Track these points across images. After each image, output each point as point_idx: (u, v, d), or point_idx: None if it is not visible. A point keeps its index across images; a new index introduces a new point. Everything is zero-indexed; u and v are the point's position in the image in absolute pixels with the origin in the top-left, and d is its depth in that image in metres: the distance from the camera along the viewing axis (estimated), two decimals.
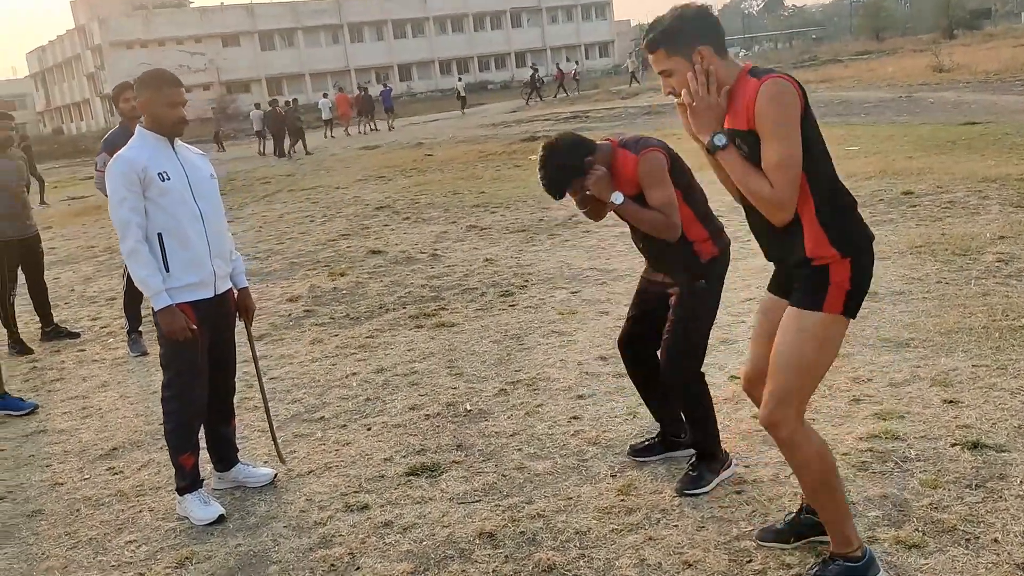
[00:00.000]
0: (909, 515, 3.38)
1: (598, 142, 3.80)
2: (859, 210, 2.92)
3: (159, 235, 3.87)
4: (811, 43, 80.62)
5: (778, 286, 3.06)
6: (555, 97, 45.68)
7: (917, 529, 3.28)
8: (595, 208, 3.94)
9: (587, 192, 3.79)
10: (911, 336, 5.30)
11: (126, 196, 3.80)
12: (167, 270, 3.89)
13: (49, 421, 5.66)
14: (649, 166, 3.62)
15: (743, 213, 3.04)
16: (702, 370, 3.86)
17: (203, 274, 3.98)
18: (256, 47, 71.79)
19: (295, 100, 33.92)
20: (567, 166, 3.73)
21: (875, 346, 5.20)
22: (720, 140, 2.80)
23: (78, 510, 4.32)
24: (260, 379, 4.53)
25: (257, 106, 33.12)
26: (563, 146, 3.75)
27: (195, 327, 3.92)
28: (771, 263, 3.09)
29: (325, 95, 40.84)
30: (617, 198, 3.66)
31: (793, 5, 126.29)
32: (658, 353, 3.89)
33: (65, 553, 3.90)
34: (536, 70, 48.30)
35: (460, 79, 47.46)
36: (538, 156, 3.83)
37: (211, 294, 4.03)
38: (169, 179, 3.87)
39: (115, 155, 3.92)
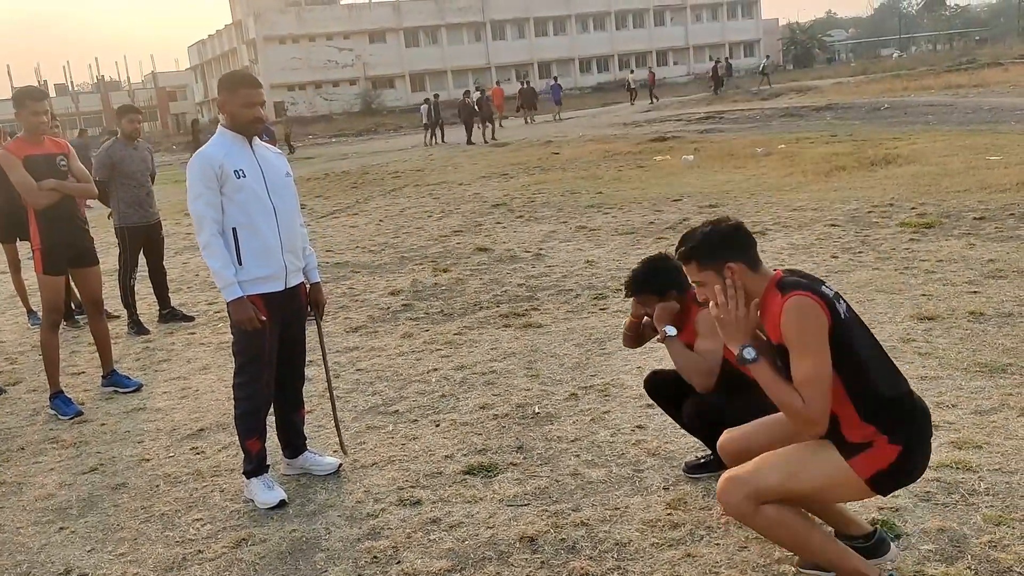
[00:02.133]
0: (964, 551, 3.21)
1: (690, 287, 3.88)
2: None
3: (233, 229, 4.05)
4: (973, 44, 76.63)
5: None
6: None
7: (969, 567, 3.11)
8: (634, 336, 4.12)
9: (647, 314, 3.95)
10: (1010, 362, 5.00)
11: (202, 191, 3.99)
12: (240, 263, 4.06)
13: (150, 399, 6.00)
14: (706, 318, 3.63)
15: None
16: None
17: (274, 268, 4.14)
18: (401, 43, 73.63)
19: (483, 91, 35.70)
20: (658, 281, 3.86)
21: (968, 370, 4.93)
22: (749, 354, 2.86)
23: (157, 486, 4.57)
24: (328, 372, 4.67)
25: (426, 101, 34.69)
26: (670, 267, 3.86)
27: (264, 318, 4.08)
28: None
29: (476, 89, 41.97)
30: (670, 331, 3.79)
31: (956, 4, 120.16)
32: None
33: (138, 526, 4.13)
34: (718, 62, 49.18)
35: (632, 71, 49.20)
36: (649, 256, 4.03)
37: (282, 287, 4.19)
38: (245, 176, 4.04)
39: (196, 152, 4.12)
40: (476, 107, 31.73)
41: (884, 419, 2.79)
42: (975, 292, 6.43)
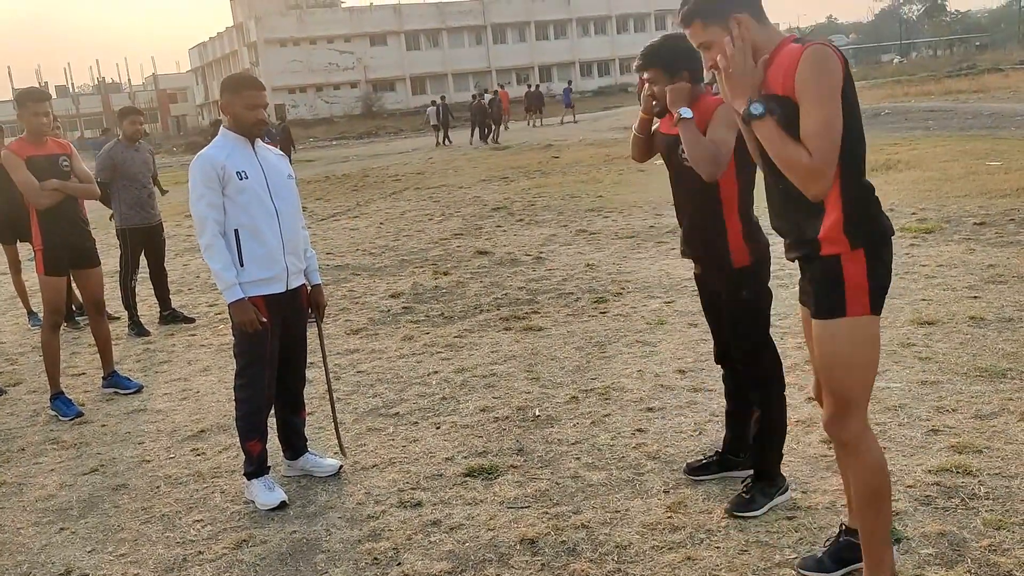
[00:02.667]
0: (964, 555, 3.21)
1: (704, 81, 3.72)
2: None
3: (235, 231, 4.06)
4: (973, 50, 76.73)
5: (805, 294, 2.97)
6: None
7: (969, 571, 3.11)
8: (646, 139, 3.87)
9: (661, 91, 3.65)
10: (1010, 367, 5.00)
11: (204, 193, 4.00)
12: (241, 264, 4.06)
13: (150, 401, 6.00)
14: (724, 111, 3.51)
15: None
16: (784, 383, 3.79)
17: (276, 270, 4.15)
18: (402, 46, 73.68)
19: (496, 92, 36.18)
20: (673, 56, 3.59)
21: (968, 375, 4.94)
22: (757, 109, 2.71)
23: (158, 487, 4.57)
24: (327, 374, 4.67)
25: (433, 102, 35.49)
26: (686, 47, 3.40)
27: (265, 320, 4.08)
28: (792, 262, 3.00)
29: (486, 91, 43.10)
30: (686, 112, 3.53)
31: (956, 10, 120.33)
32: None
33: (138, 527, 4.13)
34: None
35: None
36: (670, 33, 3.71)
37: (283, 289, 4.20)
38: (247, 178, 4.05)
39: (198, 153, 4.13)
40: (488, 108, 32.56)
41: (855, 199, 2.72)
42: (975, 297, 6.43)
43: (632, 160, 4.18)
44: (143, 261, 8.04)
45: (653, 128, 3.91)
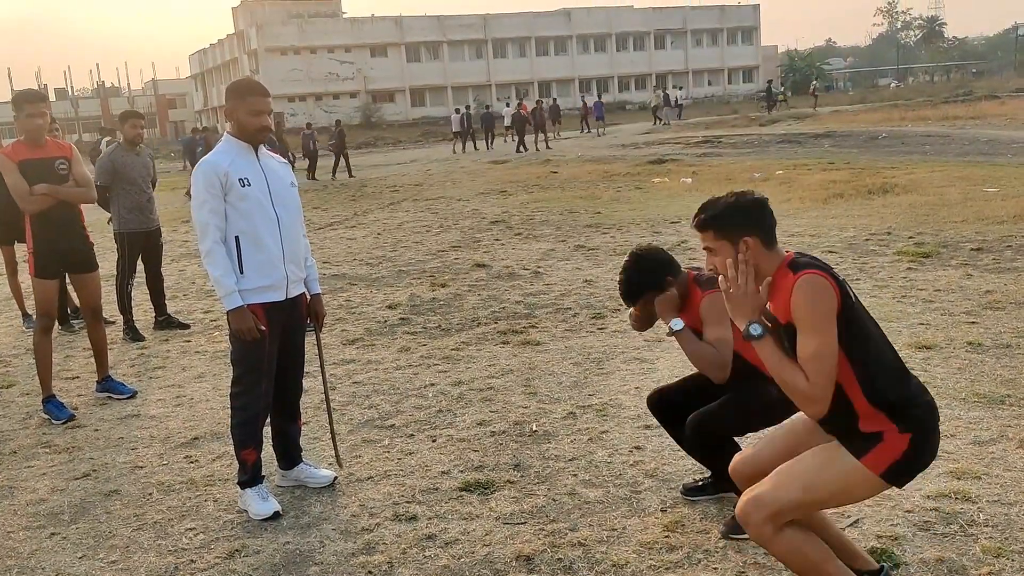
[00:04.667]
0: None
1: (682, 269, 3.83)
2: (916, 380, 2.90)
3: (236, 238, 4.03)
4: (970, 77, 77.20)
5: None
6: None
7: None
8: (641, 324, 3.97)
9: (649, 310, 3.81)
10: (1008, 393, 4.99)
11: (207, 199, 3.98)
12: (241, 272, 4.04)
13: (144, 406, 5.96)
14: (712, 306, 3.62)
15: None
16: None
17: (276, 278, 4.13)
18: (402, 58, 73.90)
19: (540, 102, 37.92)
20: (649, 280, 3.75)
21: (966, 400, 4.93)
22: (756, 330, 2.82)
23: (150, 494, 4.53)
24: (326, 384, 4.65)
25: (456, 111, 36.77)
26: (651, 258, 3.81)
27: (264, 328, 4.06)
28: None
29: (508, 104, 44.63)
30: (677, 324, 3.66)
31: (954, 36, 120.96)
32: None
33: (130, 534, 4.09)
34: (770, 82, 51.13)
35: (662, 89, 53.74)
36: (625, 259, 3.88)
37: (282, 297, 4.17)
38: (249, 185, 4.03)
39: (201, 159, 4.11)
40: (531, 117, 34.16)
41: (892, 404, 2.76)
42: (973, 323, 6.44)
43: (628, 181, 4.16)
44: (140, 266, 8.00)
45: None
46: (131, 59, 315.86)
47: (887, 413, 2.76)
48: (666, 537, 3.70)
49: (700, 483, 4.06)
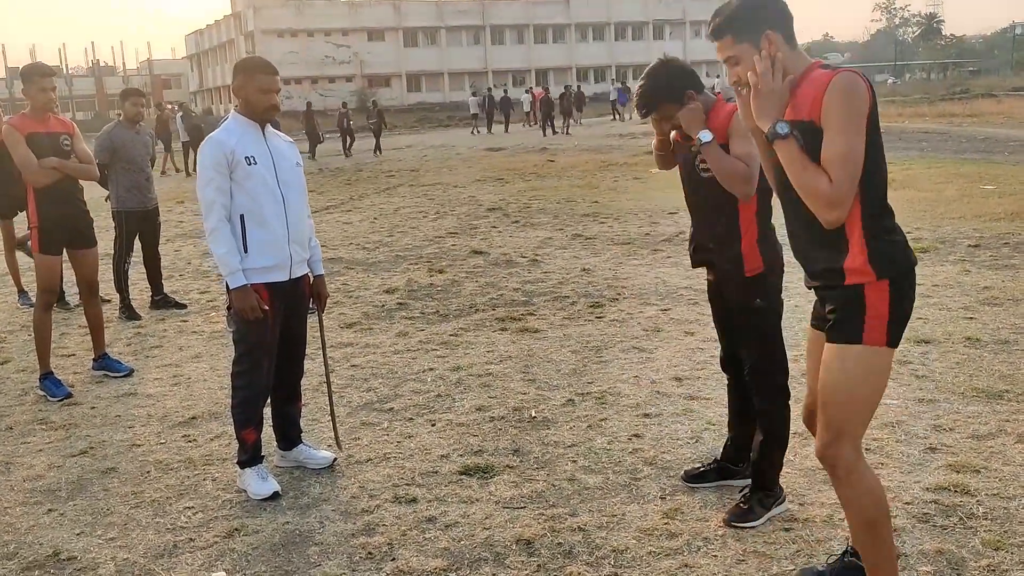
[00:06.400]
0: (963, 575, 3.20)
1: (704, 88, 3.68)
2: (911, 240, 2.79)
3: (241, 216, 4.01)
4: (967, 75, 77.29)
5: (819, 319, 2.95)
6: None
7: None
8: (666, 155, 3.83)
9: (674, 123, 3.62)
10: (1006, 388, 5.01)
11: (213, 177, 3.96)
12: (245, 251, 4.02)
13: (141, 385, 5.94)
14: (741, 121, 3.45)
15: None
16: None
17: (280, 258, 4.11)
18: (400, 43, 73.56)
19: (568, 87, 39.99)
20: (671, 85, 3.57)
21: (965, 395, 4.95)
22: (783, 128, 2.70)
23: (148, 472, 4.52)
24: (327, 365, 4.64)
25: (474, 93, 38.70)
26: (676, 67, 3.62)
27: (267, 308, 4.04)
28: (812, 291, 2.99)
29: (528, 91, 45.35)
30: (705, 136, 3.49)
31: (951, 35, 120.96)
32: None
33: (128, 511, 4.09)
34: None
35: (621, 82, 53.21)
36: (652, 67, 3.66)
37: (286, 278, 4.16)
38: (255, 163, 4.01)
39: (207, 137, 4.09)
40: (558, 102, 35.75)
41: (878, 223, 2.71)
42: (971, 318, 6.45)
43: (626, 171, 4.13)
44: (137, 245, 7.96)
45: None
46: (126, 38, 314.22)
47: (870, 247, 2.68)
48: (665, 524, 3.71)
49: (702, 469, 4.06)
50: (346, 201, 16.14)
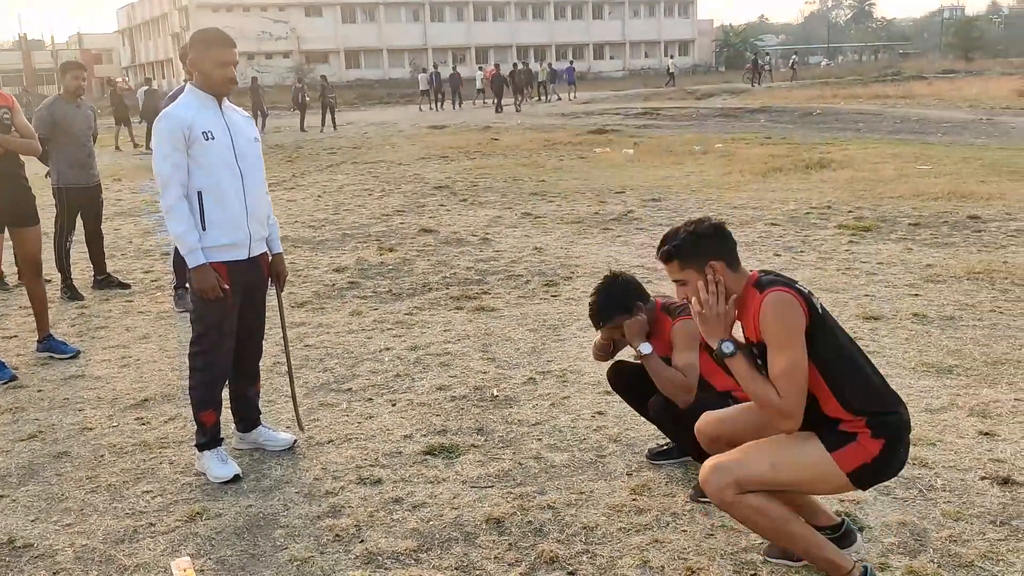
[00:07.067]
0: (926, 545, 3.28)
1: (650, 297, 3.93)
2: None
3: (199, 193, 3.90)
4: (897, 57, 78.89)
5: None
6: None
7: (932, 560, 3.18)
8: (607, 354, 4.05)
9: (619, 335, 3.87)
10: (955, 363, 5.14)
11: (169, 153, 3.84)
12: (203, 228, 3.92)
13: (88, 367, 5.78)
14: (683, 331, 3.73)
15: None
16: None
17: (238, 235, 4.01)
18: (337, 19, 72.45)
19: (516, 64, 41.23)
20: (620, 302, 3.83)
21: (916, 370, 5.06)
22: (728, 347, 2.89)
23: (102, 456, 4.40)
24: (287, 345, 4.56)
25: (424, 70, 39.79)
26: (624, 283, 3.90)
27: (227, 287, 3.95)
28: None
29: (481, 68, 47.04)
30: (646, 348, 3.75)
31: (882, 18, 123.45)
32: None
33: (84, 496, 3.98)
34: (755, 54, 54.16)
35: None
36: (599, 282, 3.96)
37: (245, 256, 4.06)
38: (213, 139, 3.90)
39: (162, 112, 3.96)
40: (509, 79, 36.91)
41: (867, 411, 2.83)
42: (916, 295, 6.60)
43: (570, 150, 4.13)
44: (79, 223, 7.73)
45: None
46: (55, 11, 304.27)
47: (863, 418, 2.83)
48: (633, 500, 3.73)
49: (664, 447, 4.10)
50: (288, 179, 15.88)
